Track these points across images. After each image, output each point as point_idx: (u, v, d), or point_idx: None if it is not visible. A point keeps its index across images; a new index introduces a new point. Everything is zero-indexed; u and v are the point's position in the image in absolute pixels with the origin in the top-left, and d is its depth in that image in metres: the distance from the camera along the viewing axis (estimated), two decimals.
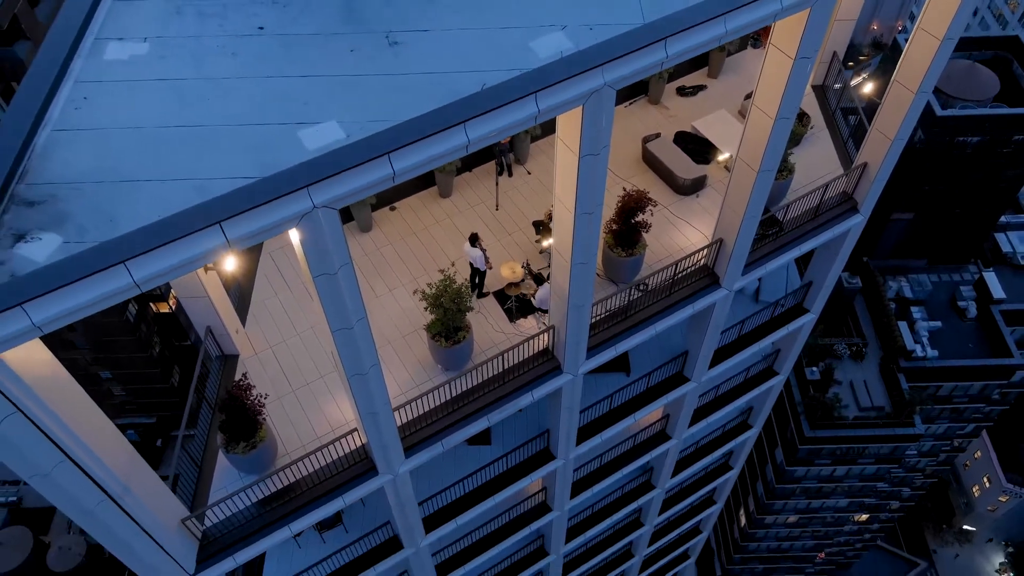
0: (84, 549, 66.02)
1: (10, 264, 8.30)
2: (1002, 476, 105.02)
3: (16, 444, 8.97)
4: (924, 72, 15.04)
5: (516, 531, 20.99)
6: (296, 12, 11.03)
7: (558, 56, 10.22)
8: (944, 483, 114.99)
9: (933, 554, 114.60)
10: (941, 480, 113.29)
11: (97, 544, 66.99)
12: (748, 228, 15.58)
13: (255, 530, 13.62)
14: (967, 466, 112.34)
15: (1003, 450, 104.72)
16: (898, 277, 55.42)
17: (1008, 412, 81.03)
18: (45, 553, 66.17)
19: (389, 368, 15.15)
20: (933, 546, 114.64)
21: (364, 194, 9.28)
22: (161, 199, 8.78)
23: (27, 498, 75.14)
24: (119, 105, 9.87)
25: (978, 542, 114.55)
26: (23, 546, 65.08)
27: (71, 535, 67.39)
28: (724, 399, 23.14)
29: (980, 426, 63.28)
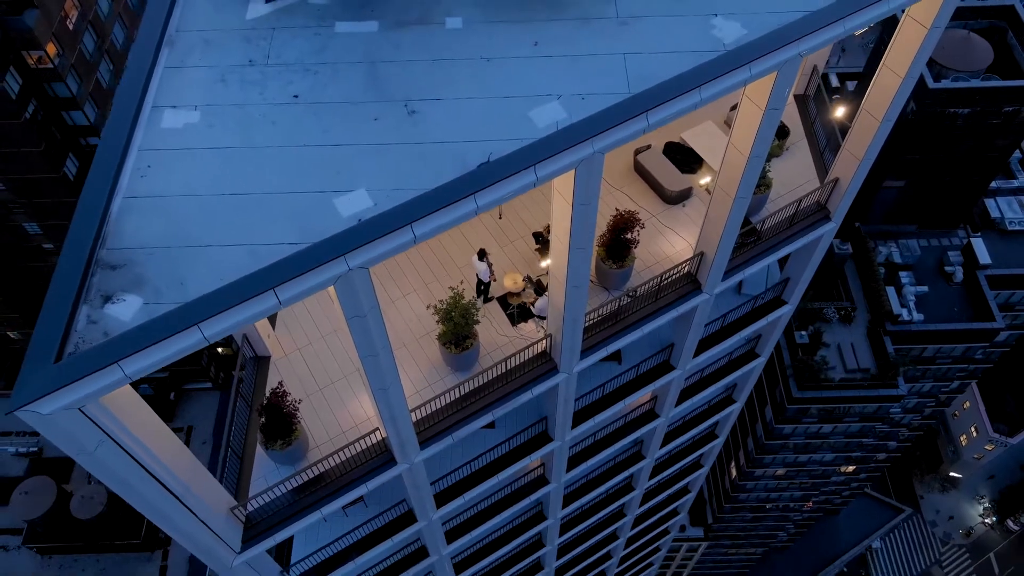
0: (105, 498, 69.32)
1: (103, 323, 10.12)
2: (988, 426, 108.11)
3: (107, 464, 10.92)
4: (888, 103, 16.56)
5: (517, 501, 23.22)
6: (326, 79, 12.59)
7: (554, 126, 11.85)
8: (933, 432, 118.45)
9: (920, 500, 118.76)
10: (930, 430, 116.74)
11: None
12: (727, 243, 17.30)
13: (291, 514, 15.72)
14: (956, 416, 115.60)
15: (991, 400, 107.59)
16: (888, 242, 57.03)
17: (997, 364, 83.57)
18: (68, 501, 69.47)
19: (404, 369, 17.05)
20: (920, 492, 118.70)
21: (390, 255, 11.01)
22: (220, 263, 10.54)
23: (47, 448, 78.06)
24: (177, 173, 11.54)
25: (964, 488, 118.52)
26: (48, 495, 68.28)
27: (92, 485, 70.58)
28: (709, 380, 25.15)
29: (965, 383, 65.59)
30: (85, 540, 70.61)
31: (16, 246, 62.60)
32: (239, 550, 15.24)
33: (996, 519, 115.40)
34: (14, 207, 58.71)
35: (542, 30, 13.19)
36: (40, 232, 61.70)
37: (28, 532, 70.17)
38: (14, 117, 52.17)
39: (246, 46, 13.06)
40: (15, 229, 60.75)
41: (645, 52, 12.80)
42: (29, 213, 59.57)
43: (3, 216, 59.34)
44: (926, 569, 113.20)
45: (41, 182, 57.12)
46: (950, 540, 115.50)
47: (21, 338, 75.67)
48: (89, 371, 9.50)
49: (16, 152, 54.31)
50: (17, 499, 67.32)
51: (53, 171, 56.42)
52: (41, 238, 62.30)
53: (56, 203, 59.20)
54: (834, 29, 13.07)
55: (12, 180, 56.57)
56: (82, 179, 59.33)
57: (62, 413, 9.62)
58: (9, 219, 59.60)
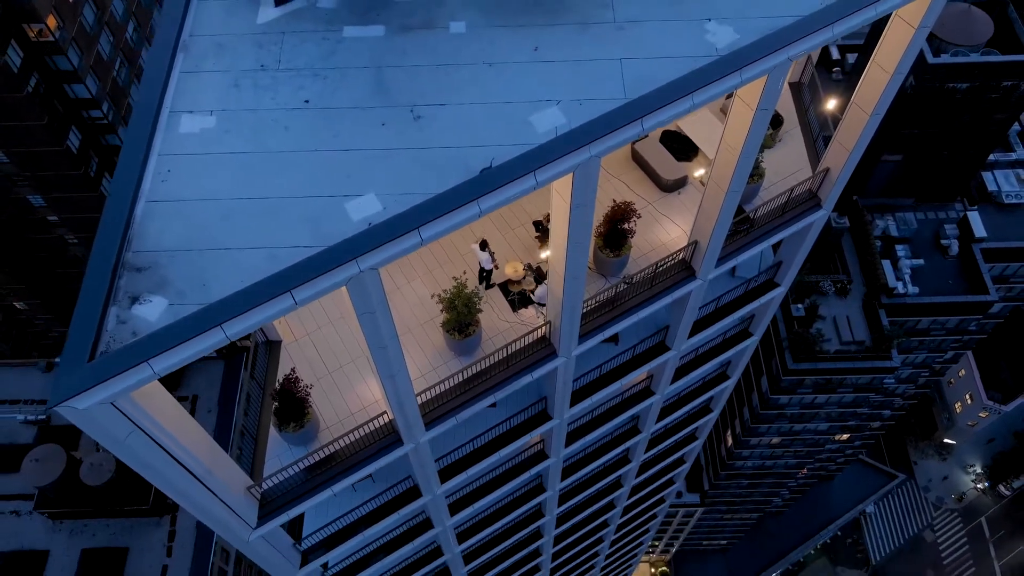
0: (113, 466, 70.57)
1: (131, 323, 10.84)
2: (983, 393, 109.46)
3: (136, 451, 11.72)
4: (877, 98, 17.09)
5: (518, 475, 24.19)
6: (335, 84, 13.16)
7: (553, 132, 12.45)
8: (928, 400, 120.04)
9: (914, 466, 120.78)
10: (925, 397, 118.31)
11: None
12: (720, 233, 17.96)
13: (303, 492, 16.60)
14: (951, 384, 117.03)
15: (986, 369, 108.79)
16: (885, 216, 57.52)
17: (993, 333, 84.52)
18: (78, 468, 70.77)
19: (409, 353, 17.75)
20: (914, 459, 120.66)
21: (398, 257, 11.68)
22: (240, 266, 11.23)
23: (56, 415, 79.40)
24: (196, 178, 12.17)
25: (957, 455, 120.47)
26: (57, 462, 69.37)
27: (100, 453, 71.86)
28: (703, 358, 25.96)
29: (959, 353, 66.52)
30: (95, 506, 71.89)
31: (21, 218, 63.14)
32: (255, 526, 16.14)
33: (988, 484, 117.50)
34: (18, 180, 59.13)
35: (542, 35, 13.71)
36: (44, 204, 62.19)
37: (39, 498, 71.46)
38: (16, 91, 52.39)
39: (258, 51, 13.59)
40: (19, 202, 61.22)
41: (641, 57, 13.34)
42: (33, 186, 60.00)
43: (7, 189, 59.77)
44: (918, 533, 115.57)
45: (44, 155, 57.47)
46: (942, 505, 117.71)
47: (27, 308, 76.52)
48: (121, 370, 10.23)
49: (19, 125, 54.61)
50: (28, 466, 68.49)
51: (56, 144, 56.76)
52: (46, 210, 62.80)
53: (59, 176, 59.62)
54: (823, 34, 13.59)
55: (15, 153, 56.92)
56: (85, 152, 59.70)
57: (96, 408, 10.38)
58: (13, 192, 60.04)
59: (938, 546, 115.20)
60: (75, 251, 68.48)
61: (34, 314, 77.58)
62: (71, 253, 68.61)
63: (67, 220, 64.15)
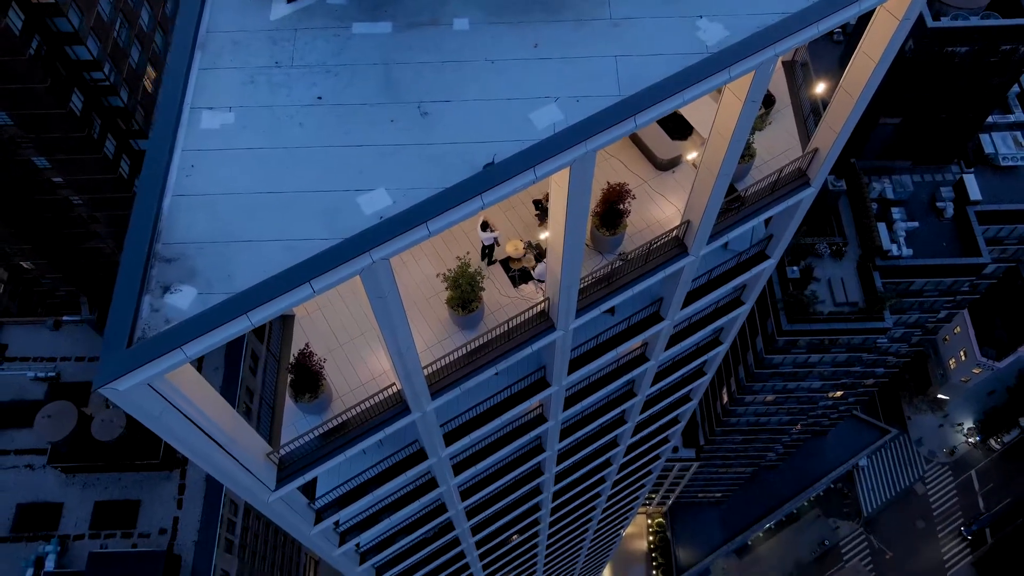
0: (124, 422, 72.44)
1: (164, 311, 11.84)
2: (977, 350, 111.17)
3: (169, 425, 12.81)
4: (863, 84, 17.81)
5: (518, 437, 25.45)
6: (346, 81, 13.93)
7: (551, 128, 13.28)
8: (924, 356, 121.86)
9: (908, 420, 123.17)
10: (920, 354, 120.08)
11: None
12: (711, 212, 18.83)
13: (318, 457, 17.78)
14: (946, 340, 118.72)
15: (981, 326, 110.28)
16: (882, 178, 58.08)
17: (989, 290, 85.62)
18: (89, 424, 72.62)
19: (416, 326, 18.81)
20: (908, 413, 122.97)
21: (407, 248, 12.61)
22: (262, 257, 12.17)
23: (65, 373, 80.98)
24: (218, 173, 13.04)
25: (950, 410, 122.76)
26: (69, 418, 71.34)
27: (110, 409, 73.64)
28: (696, 326, 27.01)
29: (952, 312, 67.67)
30: (106, 460, 74.12)
31: (26, 180, 63.73)
32: (274, 488, 17.35)
33: (980, 439, 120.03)
34: (22, 142, 59.57)
35: (541, 31, 14.41)
36: (49, 166, 62.71)
37: (52, 453, 73.64)
38: (18, 53, 52.56)
39: (272, 47, 14.32)
40: (24, 164, 61.74)
41: (635, 55, 14.08)
42: (38, 147, 60.47)
43: (12, 151, 60.24)
44: (909, 486, 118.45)
45: (48, 117, 57.83)
46: (934, 458, 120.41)
47: (34, 268, 77.53)
48: (157, 355, 11.26)
49: (22, 88, 54.89)
50: (41, 422, 70.46)
51: (59, 107, 57.08)
52: (51, 172, 63.34)
53: (63, 138, 60.04)
54: (808, 31, 14.30)
55: (19, 116, 57.29)
56: (87, 114, 60.03)
57: (134, 388, 11.43)
58: (18, 154, 60.52)
59: (928, 498, 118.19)
60: (80, 212, 69.20)
61: (41, 274, 78.63)
62: (76, 214, 69.35)
63: (72, 182, 64.73)
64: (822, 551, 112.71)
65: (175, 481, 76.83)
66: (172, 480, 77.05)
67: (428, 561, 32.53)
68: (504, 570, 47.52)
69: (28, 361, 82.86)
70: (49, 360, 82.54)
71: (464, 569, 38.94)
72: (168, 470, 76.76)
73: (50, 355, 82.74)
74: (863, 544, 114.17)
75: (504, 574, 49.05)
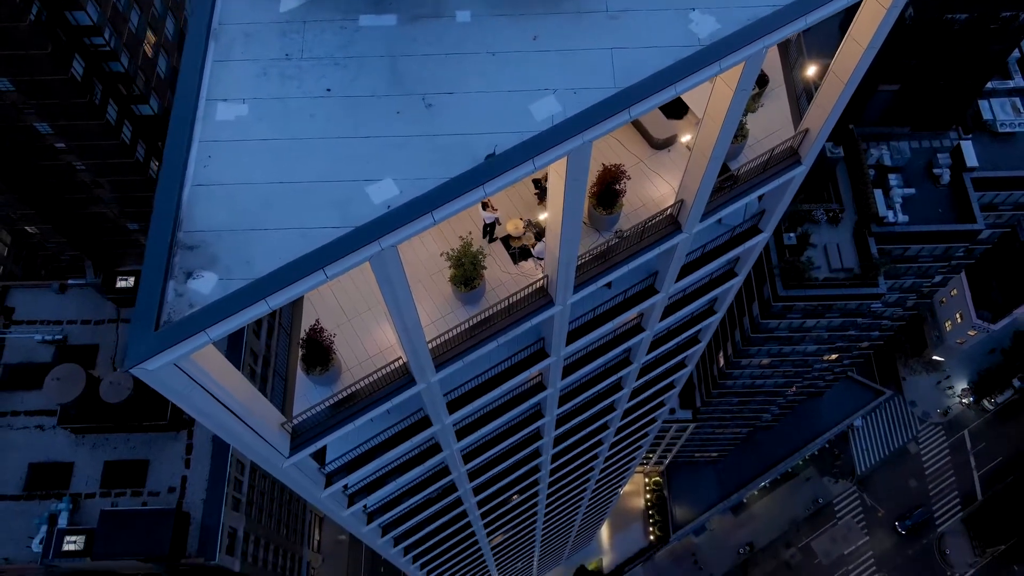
0: (131, 384, 73.83)
1: (187, 296, 12.68)
2: (973, 312, 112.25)
3: (192, 400, 13.76)
4: (852, 69, 18.41)
5: (519, 404, 26.50)
6: (354, 73, 14.57)
7: (550, 120, 13.96)
8: (920, 319, 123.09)
9: (903, 381, 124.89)
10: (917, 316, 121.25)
11: None
12: (704, 192, 19.57)
13: (328, 426, 18.80)
14: (943, 303, 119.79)
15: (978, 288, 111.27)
16: (880, 144, 58.41)
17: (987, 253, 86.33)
18: (97, 387, 74.01)
19: (420, 302, 19.65)
20: (903, 374, 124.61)
21: (414, 235, 13.40)
22: (278, 245, 12.98)
23: (72, 335, 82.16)
24: (234, 163, 13.76)
25: (944, 371, 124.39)
26: (78, 381, 72.66)
27: (118, 372, 74.96)
28: (691, 297, 27.89)
29: (947, 277, 68.48)
30: (115, 421, 75.62)
31: (29, 145, 64.08)
32: (288, 456, 18.40)
33: (973, 399, 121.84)
34: (24, 108, 59.83)
35: (541, 24, 14.99)
36: (52, 132, 63.01)
37: (62, 414, 75.11)
38: (19, 19, 52.61)
39: (282, 39, 14.93)
40: (27, 130, 62.06)
41: (630, 47, 14.70)
42: (39, 113, 60.73)
43: (15, 117, 60.53)
44: (903, 445, 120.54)
45: (50, 83, 58.02)
46: (928, 419, 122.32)
47: (38, 232, 78.18)
48: (182, 337, 12.14)
49: (24, 55, 55.02)
50: (50, 385, 71.77)
51: (61, 72, 57.24)
52: (53, 137, 63.67)
53: (65, 104, 60.27)
54: (798, 23, 14.90)
55: (21, 82, 57.48)
56: (88, 79, 60.16)
57: (162, 369, 12.34)
58: (20, 120, 60.82)
59: (921, 458, 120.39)
60: (83, 177, 69.64)
61: (46, 238, 79.31)
62: (79, 179, 69.79)
63: (74, 147, 65.06)
64: (816, 508, 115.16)
65: (182, 441, 78.52)
66: (179, 440, 78.75)
67: (432, 520, 33.91)
68: (505, 527, 49.16)
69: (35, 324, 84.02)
70: (56, 323, 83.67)
71: (467, 527, 40.45)
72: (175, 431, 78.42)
73: (56, 318, 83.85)
74: (856, 502, 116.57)
75: (505, 531, 50.73)
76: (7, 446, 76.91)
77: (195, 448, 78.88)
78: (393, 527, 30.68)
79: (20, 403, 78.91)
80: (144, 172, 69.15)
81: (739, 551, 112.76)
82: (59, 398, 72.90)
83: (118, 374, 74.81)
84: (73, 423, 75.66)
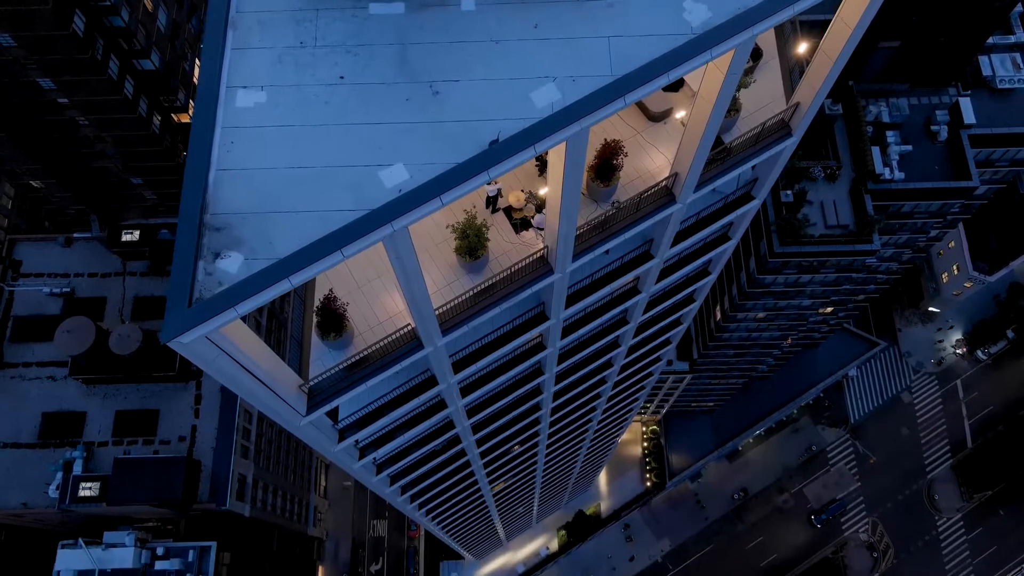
0: (140, 336, 75.41)
1: (216, 275, 13.80)
2: (969, 264, 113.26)
3: (221, 367, 14.97)
4: (840, 48, 19.17)
5: (520, 363, 27.82)
6: (365, 61, 15.42)
7: (550, 107, 14.88)
8: (917, 270, 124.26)
9: (898, 332, 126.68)
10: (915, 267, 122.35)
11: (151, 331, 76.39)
12: (697, 165, 20.49)
13: (342, 388, 20.09)
14: (941, 254, 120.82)
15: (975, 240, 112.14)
16: (879, 101, 58.67)
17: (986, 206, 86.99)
18: (107, 339, 75.61)
19: (427, 270, 20.79)
20: (899, 325, 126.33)
21: (423, 217, 14.43)
22: (298, 227, 14.03)
23: (79, 288, 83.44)
24: (255, 148, 14.72)
25: (939, 322, 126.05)
26: (88, 333, 74.17)
27: (126, 325, 76.48)
28: (685, 261, 28.96)
29: (943, 232, 69.35)
30: (125, 372, 77.37)
31: (33, 101, 64.36)
32: (305, 414, 19.74)
33: (967, 350, 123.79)
34: (28, 64, 59.99)
35: (541, 12, 15.76)
36: (55, 87, 63.23)
37: (73, 365, 76.76)
38: None
39: (296, 27, 15.73)
40: (31, 85, 62.28)
41: (626, 35, 15.51)
42: (43, 69, 60.90)
43: (17, 73, 60.72)
44: (896, 395, 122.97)
45: (52, 39, 58.08)
46: (922, 369, 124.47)
47: (43, 187, 78.80)
48: (213, 313, 13.29)
49: (24, 10, 55.04)
50: (60, 337, 73.22)
51: (63, 28, 57.28)
52: (56, 93, 63.91)
53: (67, 59, 60.39)
54: (786, 12, 15.68)
55: (23, 37, 57.54)
56: (90, 35, 60.17)
57: (196, 341, 13.53)
58: (24, 76, 61.02)
59: (914, 407, 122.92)
60: (87, 132, 70.00)
61: (51, 192, 79.95)
62: (83, 134, 70.15)
63: (77, 103, 65.30)
64: (809, 456, 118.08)
65: (191, 392, 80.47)
66: (188, 391, 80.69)
67: (437, 470, 35.62)
68: (506, 476, 51.13)
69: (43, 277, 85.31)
70: (63, 276, 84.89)
71: (470, 476, 42.30)
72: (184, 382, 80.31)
73: (63, 271, 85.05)
74: (849, 450, 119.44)
75: (506, 479, 52.75)
76: (21, 396, 78.87)
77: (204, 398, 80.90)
78: (401, 476, 32.34)
79: (31, 355, 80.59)
80: (147, 127, 69.51)
81: (733, 496, 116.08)
82: (70, 350, 74.50)
83: (127, 327, 76.33)
84: (84, 374, 77.44)
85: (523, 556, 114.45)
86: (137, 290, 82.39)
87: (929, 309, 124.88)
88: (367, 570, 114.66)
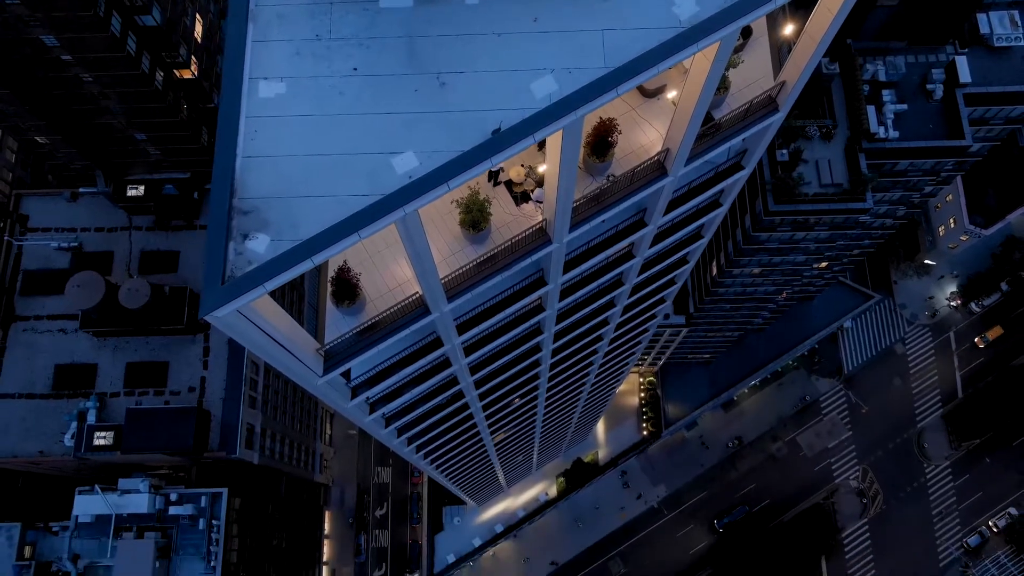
0: (148, 290, 77.05)
1: (246, 255, 15.25)
2: (966, 218, 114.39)
3: (248, 335, 16.52)
4: (823, 31, 20.26)
5: (520, 324, 29.41)
6: (376, 53, 16.62)
7: (548, 98, 16.13)
8: (915, 224, 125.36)
9: (894, 285, 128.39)
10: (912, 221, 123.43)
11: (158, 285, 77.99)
12: (688, 141, 21.74)
13: (356, 351, 21.69)
14: (938, 208, 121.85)
15: (973, 194, 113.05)
16: (876, 60, 59.13)
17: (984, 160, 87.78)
18: (116, 293, 77.25)
19: (433, 241, 22.13)
20: (895, 278, 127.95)
21: (431, 201, 15.80)
22: (319, 210, 15.44)
23: (87, 243, 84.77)
24: (277, 137, 16.03)
25: (935, 275, 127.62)
26: (97, 288, 75.77)
27: (135, 279, 78.05)
28: (678, 226, 30.31)
29: (937, 188, 70.36)
30: (134, 325, 79.16)
31: (36, 58, 64.76)
32: (321, 375, 21.38)
33: (961, 302, 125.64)
34: (31, 21, 60.30)
35: (541, 5, 16.86)
36: (58, 44, 63.60)
37: (83, 318, 78.54)
38: None
39: (311, 20, 16.87)
40: (34, 42, 62.65)
41: (618, 28, 16.66)
42: (46, 26, 61.21)
43: (21, 29, 61.07)
44: (890, 346, 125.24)
45: None
46: (916, 321, 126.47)
47: (48, 143, 79.51)
48: (245, 290, 14.80)
49: None
50: (71, 291, 74.79)
51: None
52: (59, 50, 64.27)
53: (70, 16, 60.66)
54: (768, 6, 16.80)
55: None
56: None
57: (229, 315, 15.06)
58: (27, 33, 61.39)
59: (907, 358, 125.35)
60: (90, 88, 70.48)
61: (56, 148, 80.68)
62: (86, 90, 70.63)
63: (80, 59, 65.68)
64: (802, 405, 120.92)
65: (200, 344, 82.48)
66: (197, 343, 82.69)
67: (442, 422, 37.54)
68: (507, 426, 53.28)
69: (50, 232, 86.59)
70: (70, 231, 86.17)
71: (472, 427, 44.33)
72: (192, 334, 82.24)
73: (70, 226, 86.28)
74: (842, 399, 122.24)
75: (507, 430, 54.94)
76: (34, 348, 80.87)
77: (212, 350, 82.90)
78: (407, 429, 34.23)
79: (42, 308, 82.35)
80: (150, 83, 69.94)
81: (728, 444, 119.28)
82: (80, 304, 76.21)
83: (135, 280, 77.92)
84: (94, 327, 79.29)
85: (523, 501, 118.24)
86: (144, 244, 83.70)
87: (925, 262, 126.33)
88: (372, 515, 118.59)
